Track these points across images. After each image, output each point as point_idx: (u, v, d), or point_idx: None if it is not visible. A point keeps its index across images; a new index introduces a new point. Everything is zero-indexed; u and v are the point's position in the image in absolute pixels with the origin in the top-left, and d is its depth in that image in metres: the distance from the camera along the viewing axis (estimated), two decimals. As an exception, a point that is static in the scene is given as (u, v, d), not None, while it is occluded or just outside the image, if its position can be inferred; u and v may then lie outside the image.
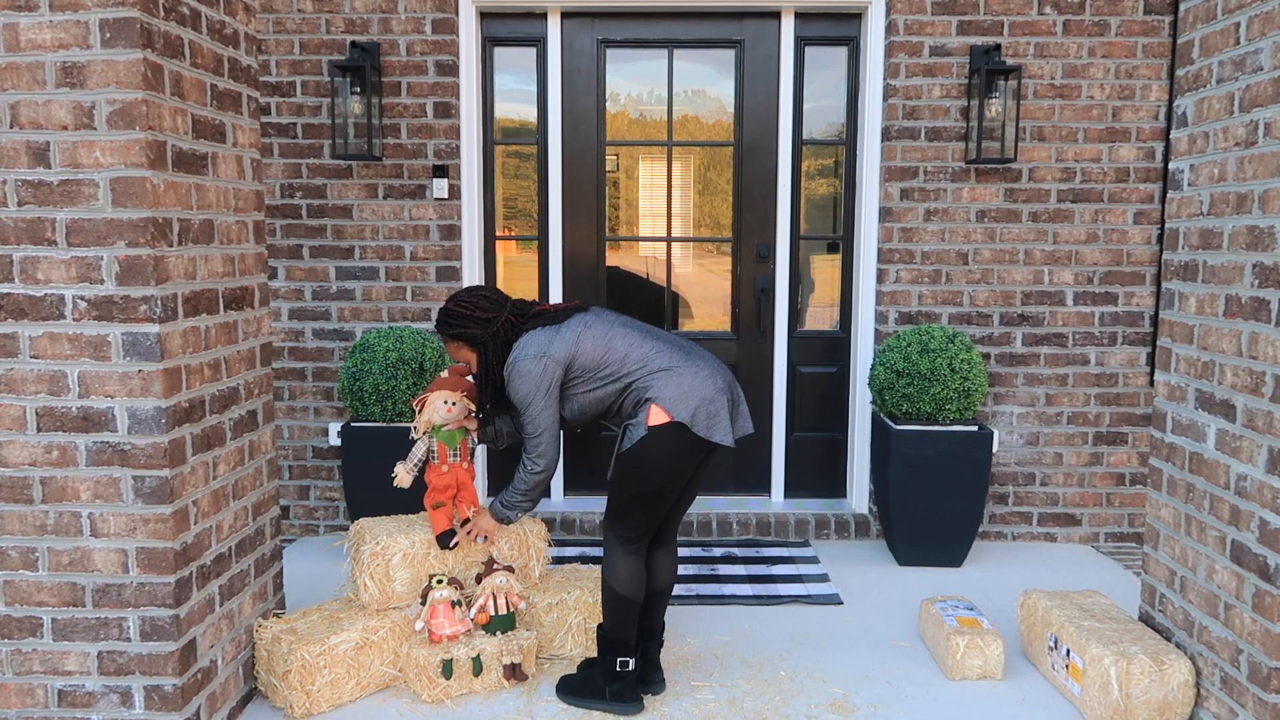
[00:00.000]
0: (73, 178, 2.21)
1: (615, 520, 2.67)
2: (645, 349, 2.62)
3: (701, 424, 2.54)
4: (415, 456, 2.97)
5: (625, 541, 2.67)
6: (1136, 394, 4.23)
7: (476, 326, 2.67)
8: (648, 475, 2.57)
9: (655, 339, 2.66)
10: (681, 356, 2.61)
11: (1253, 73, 2.43)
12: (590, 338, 2.61)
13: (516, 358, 2.60)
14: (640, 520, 2.64)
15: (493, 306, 2.69)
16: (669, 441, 2.54)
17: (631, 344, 2.62)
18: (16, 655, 2.38)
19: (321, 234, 4.20)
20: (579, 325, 2.63)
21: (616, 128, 4.40)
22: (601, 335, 2.62)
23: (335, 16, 4.09)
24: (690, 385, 2.55)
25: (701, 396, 2.54)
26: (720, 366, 2.66)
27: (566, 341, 2.60)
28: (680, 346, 2.67)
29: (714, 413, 2.56)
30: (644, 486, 2.59)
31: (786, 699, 2.85)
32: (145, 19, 2.18)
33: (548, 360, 2.57)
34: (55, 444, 2.30)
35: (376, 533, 2.96)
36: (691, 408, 2.53)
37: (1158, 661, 2.58)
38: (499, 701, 2.82)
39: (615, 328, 2.65)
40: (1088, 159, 4.12)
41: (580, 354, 2.60)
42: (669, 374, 2.56)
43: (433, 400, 2.92)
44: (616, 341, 2.62)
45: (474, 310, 2.68)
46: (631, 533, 2.65)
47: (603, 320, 2.67)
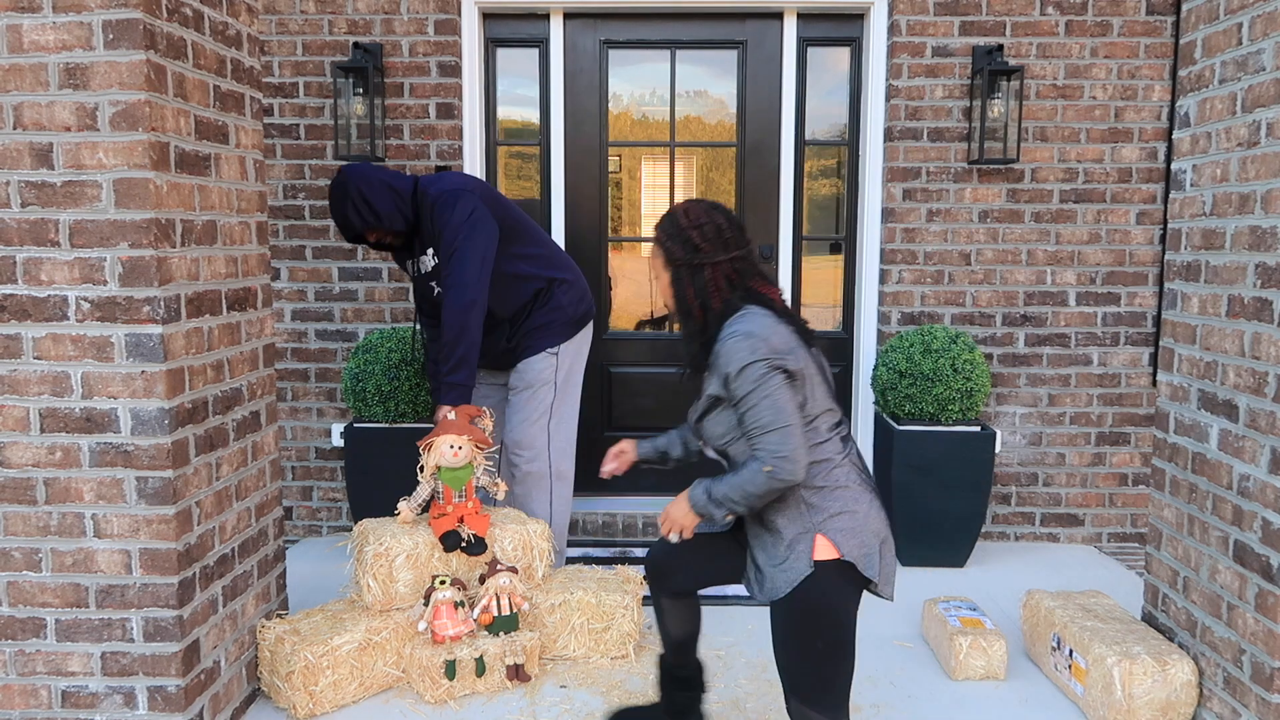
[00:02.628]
0: (76, 179, 2.22)
1: (813, 694, 2.03)
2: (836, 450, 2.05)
3: (878, 573, 2.01)
4: (420, 496, 3.01)
5: (830, 714, 2.04)
6: (1139, 394, 4.23)
7: (679, 246, 2.11)
8: (830, 626, 2.01)
9: (851, 446, 2.09)
10: (864, 483, 2.06)
11: (1255, 73, 2.43)
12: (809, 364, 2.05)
13: (732, 333, 2.01)
14: (842, 683, 2.04)
15: (717, 240, 2.09)
16: (844, 584, 2.01)
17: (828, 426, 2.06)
18: (20, 656, 2.39)
19: (324, 235, 4.21)
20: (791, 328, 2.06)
21: (619, 129, 4.40)
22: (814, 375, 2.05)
23: (338, 17, 4.09)
24: (867, 520, 2.02)
25: (881, 536, 2.03)
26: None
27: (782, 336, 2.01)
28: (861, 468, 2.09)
29: (891, 560, 2.05)
30: (829, 642, 2.01)
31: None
32: (148, 20, 2.18)
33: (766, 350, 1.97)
34: (58, 445, 2.31)
35: (380, 534, 2.96)
36: (869, 550, 2.01)
37: (1160, 662, 2.58)
38: (502, 702, 2.82)
39: (822, 383, 2.08)
40: (1090, 159, 4.11)
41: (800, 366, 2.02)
42: (852, 502, 2.02)
43: (439, 444, 2.95)
44: (819, 392, 2.05)
45: (690, 228, 2.10)
46: (838, 701, 2.03)
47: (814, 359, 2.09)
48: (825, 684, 2.02)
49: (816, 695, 2.02)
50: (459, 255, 3.18)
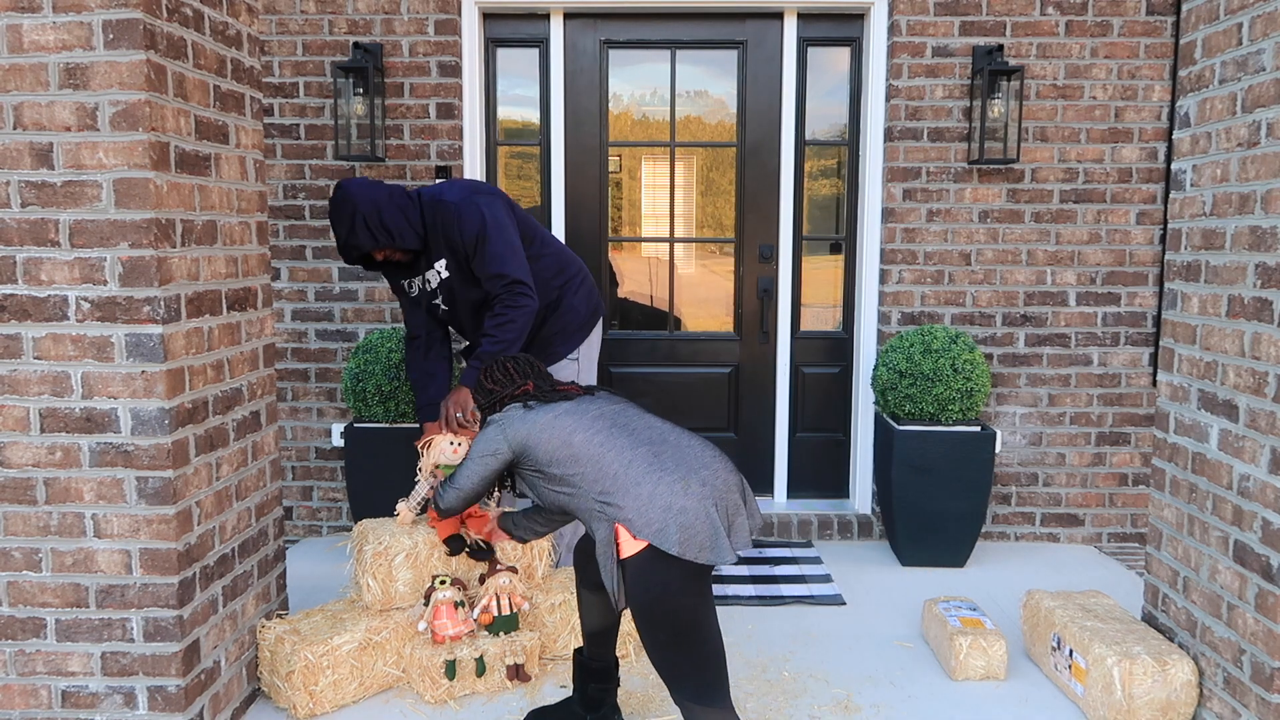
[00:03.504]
0: (76, 179, 2.22)
1: (677, 683, 2.11)
2: (610, 460, 2.18)
3: (677, 543, 2.05)
4: (418, 495, 3.00)
5: (704, 700, 2.10)
6: (1139, 394, 4.23)
7: (480, 394, 2.56)
8: (663, 616, 2.08)
9: (635, 446, 2.20)
10: (652, 465, 2.15)
11: (1255, 73, 2.43)
12: (554, 431, 2.28)
13: (490, 421, 2.43)
14: (701, 669, 2.10)
15: (505, 379, 2.52)
16: (657, 571, 2.08)
17: (598, 450, 2.21)
18: (20, 656, 2.39)
19: (324, 235, 4.21)
20: (552, 416, 2.32)
21: (619, 129, 4.40)
22: (566, 431, 2.26)
23: (338, 17, 4.09)
24: (653, 497, 2.09)
25: (674, 507, 2.07)
26: (715, 472, 2.17)
27: (527, 426, 2.32)
28: (656, 452, 2.19)
29: (703, 526, 2.08)
30: (669, 631, 2.09)
31: (789, 699, 2.85)
32: (148, 20, 2.18)
33: (499, 436, 2.36)
34: (58, 445, 2.31)
35: (379, 533, 2.96)
36: (661, 524, 2.06)
37: (1161, 662, 2.58)
38: (502, 702, 2.82)
39: (590, 426, 2.26)
40: (1090, 159, 4.11)
41: (537, 447, 2.29)
42: (633, 487, 2.12)
43: (438, 442, 2.95)
44: (577, 438, 2.24)
45: (487, 378, 2.54)
46: (704, 686, 2.10)
47: (580, 417, 2.29)
48: (685, 671, 2.09)
49: (682, 683, 2.10)
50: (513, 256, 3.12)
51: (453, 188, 3.21)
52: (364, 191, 3.07)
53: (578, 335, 3.42)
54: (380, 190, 3.10)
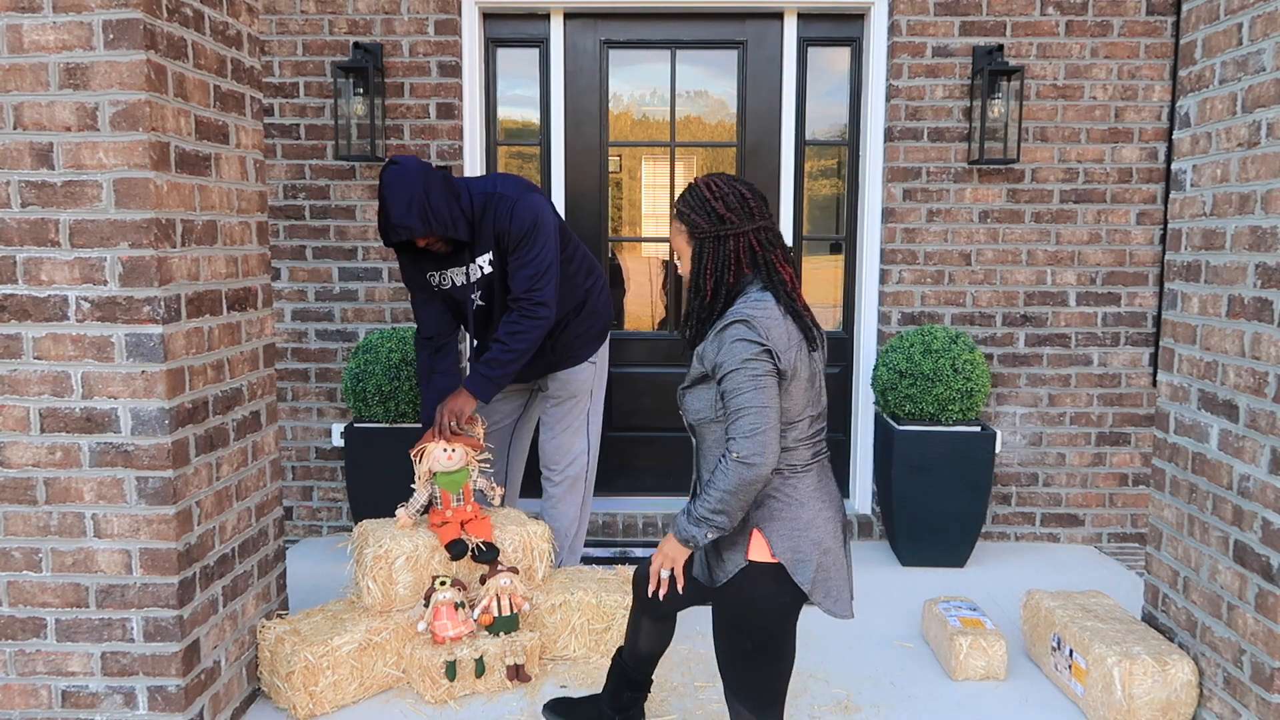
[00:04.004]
0: (76, 179, 2.22)
1: (741, 689, 2.07)
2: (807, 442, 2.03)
3: (809, 584, 1.98)
4: (417, 502, 3.00)
5: (761, 713, 2.06)
6: (1139, 394, 4.23)
7: (704, 218, 2.05)
8: (758, 627, 2.02)
9: (820, 442, 2.07)
10: (819, 488, 2.03)
11: (1255, 73, 2.43)
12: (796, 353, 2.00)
13: (732, 318, 1.98)
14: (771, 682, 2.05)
15: (742, 210, 2.03)
16: (774, 588, 1.99)
17: (804, 398, 2.01)
18: (20, 656, 2.39)
19: (324, 235, 4.21)
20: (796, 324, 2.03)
21: (619, 128, 4.40)
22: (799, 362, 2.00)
23: (338, 17, 4.09)
24: (809, 526, 1.98)
25: (822, 548, 1.99)
26: (842, 507, 2.08)
27: (782, 333, 1.97)
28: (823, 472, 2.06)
29: (833, 576, 2.01)
30: (757, 641, 2.02)
31: (790, 699, 2.84)
32: (148, 20, 2.18)
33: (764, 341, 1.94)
34: (59, 445, 2.31)
35: (380, 535, 2.96)
36: (803, 558, 1.97)
37: (1161, 662, 2.58)
38: (502, 702, 2.82)
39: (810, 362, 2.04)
40: (1090, 159, 4.11)
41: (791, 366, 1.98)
42: (797, 507, 1.99)
43: (431, 449, 2.95)
44: (801, 378, 2.00)
45: (714, 199, 2.04)
46: (767, 699, 2.05)
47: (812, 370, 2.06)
48: (752, 682, 2.04)
49: (744, 691, 2.06)
50: (549, 270, 3.07)
51: (505, 181, 3.13)
52: (423, 172, 2.90)
53: (599, 339, 3.43)
54: (434, 174, 2.94)
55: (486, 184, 3.12)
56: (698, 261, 2.06)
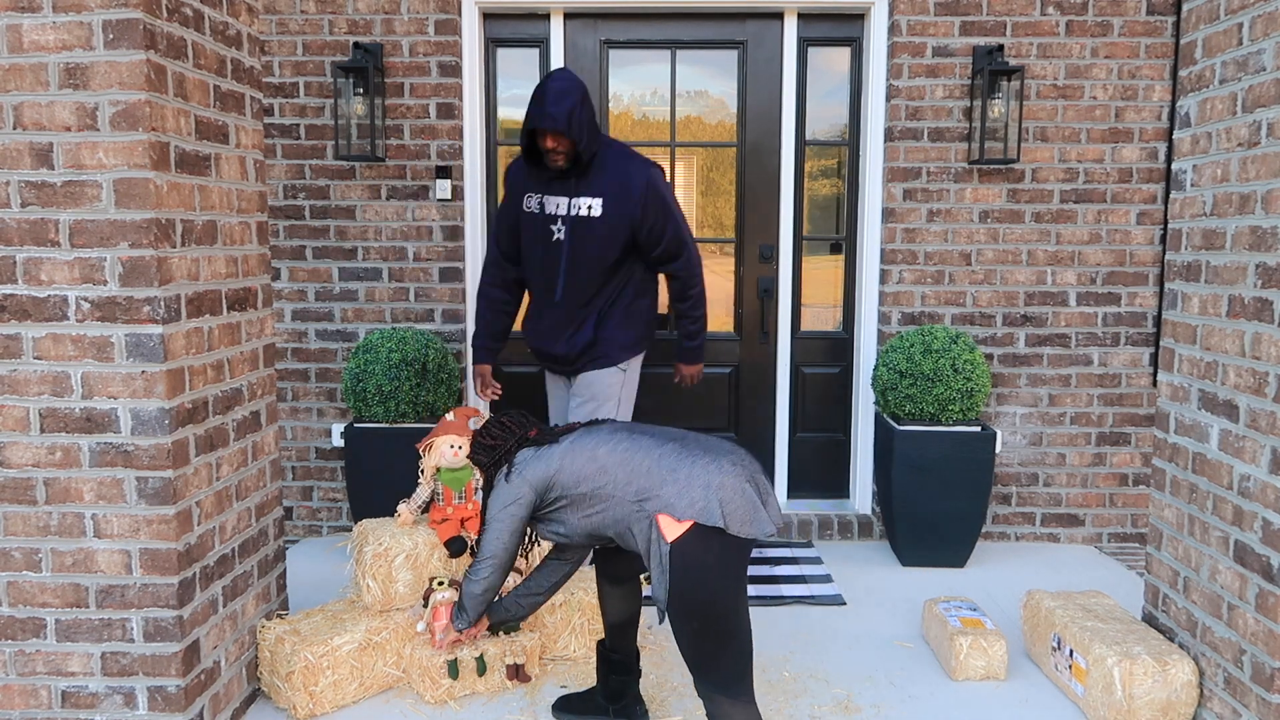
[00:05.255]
0: (76, 179, 2.22)
1: (703, 673, 2.14)
2: (640, 459, 2.22)
3: (722, 516, 2.09)
4: (419, 498, 3.01)
5: (729, 692, 2.13)
6: (1139, 394, 4.23)
7: (482, 453, 2.49)
8: (700, 603, 2.09)
9: (662, 443, 2.26)
10: (682, 456, 2.20)
11: (1255, 73, 2.43)
12: (576, 453, 2.31)
13: (510, 471, 2.39)
14: (729, 660, 2.12)
15: (504, 433, 2.47)
16: (701, 552, 2.09)
17: (625, 455, 2.25)
18: (20, 656, 2.39)
19: (324, 235, 4.21)
20: (568, 443, 2.35)
21: (619, 128, 4.40)
22: (589, 449, 2.30)
23: (338, 17, 4.09)
24: (691, 478, 2.13)
25: (712, 484, 2.12)
26: (741, 456, 2.24)
27: (544, 461, 2.33)
28: (683, 445, 2.25)
29: (741, 501, 2.12)
30: (703, 619, 2.10)
31: (790, 699, 2.84)
32: (148, 20, 2.18)
33: (517, 481, 2.35)
34: (58, 445, 2.31)
35: (380, 534, 2.96)
36: (704, 501, 2.10)
37: (1161, 662, 2.58)
38: (502, 703, 2.82)
39: (610, 438, 2.32)
40: (1090, 159, 4.11)
41: (561, 473, 2.30)
42: (668, 476, 2.16)
43: (439, 445, 2.95)
44: (600, 450, 2.29)
45: (484, 437, 2.49)
46: (729, 678, 2.13)
47: (597, 434, 2.35)
48: (714, 661, 2.11)
49: (710, 673, 2.12)
50: (692, 242, 3.36)
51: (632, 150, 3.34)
52: (583, 86, 3.14)
53: (633, 350, 3.40)
54: (589, 97, 3.17)
55: (617, 143, 3.30)
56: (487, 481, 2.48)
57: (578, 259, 3.23)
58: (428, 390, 3.91)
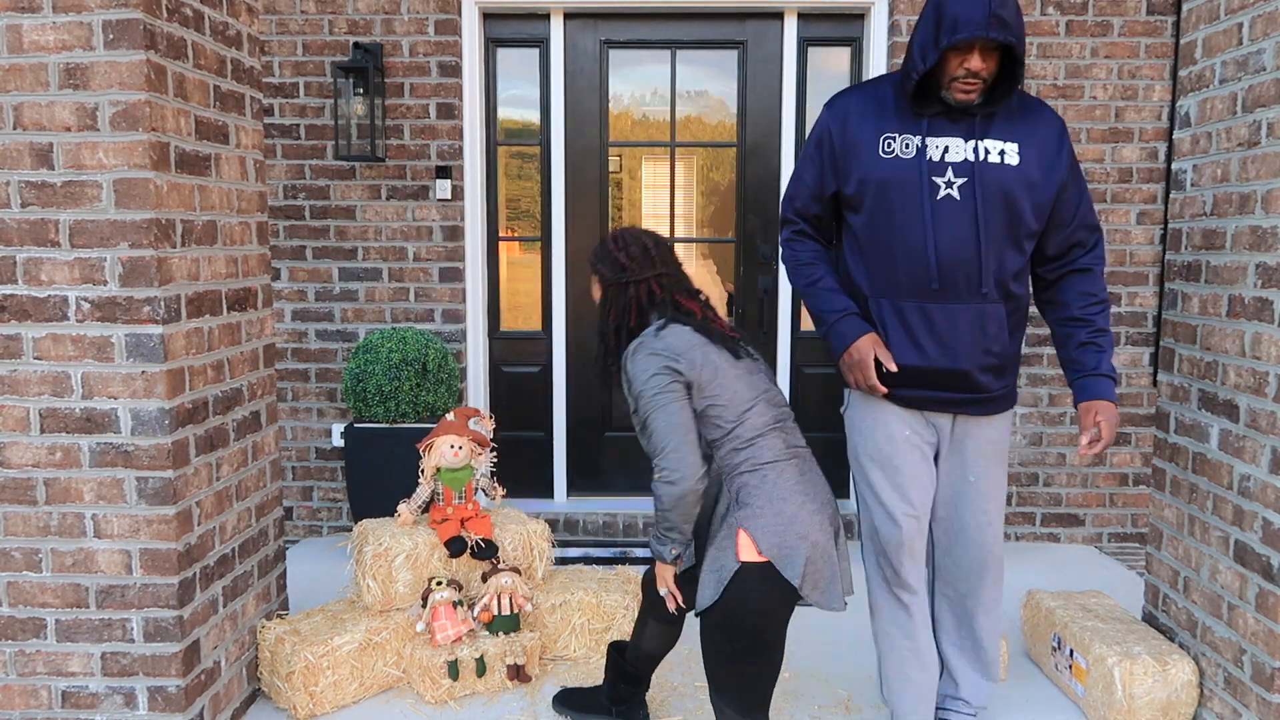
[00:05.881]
0: (76, 179, 2.22)
1: (726, 690, 2.08)
2: (770, 441, 2.06)
3: (799, 576, 1.98)
4: (419, 498, 3.01)
5: (748, 714, 2.09)
6: (1140, 394, 4.23)
7: (608, 268, 2.23)
8: (749, 630, 2.01)
9: (789, 449, 2.09)
10: (798, 484, 2.04)
11: (1255, 73, 2.43)
12: (749, 375, 2.11)
13: (634, 346, 2.12)
14: (757, 685, 2.06)
15: (643, 259, 2.21)
16: (765, 587, 1.99)
17: (775, 428, 2.08)
18: (20, 656, 2.39)
19: (324, 235, 4.21)
20: (728, 358, 2.12)
21: (619, 129, 4.40)
22: (760, 383, 2.12)
23: (338, 17, 4.09)
24: (794, 519, 1.99)
25: (807, 539, 1.99)
26: (835, 507, 2.09)
27: (683, 340, 2.08)
28: (801, 470, 2.08)
29: (822, 569, 2.01)
30: (745, 644, 2.02)
31: (790, 699, 2.84)
32: (148, 20, 2.18)
33: (663, 354, 2.06)
34: (58, 445, 2.31)
35: (380, 534, 2.96)
36: (792, 553, 1.98)
37: (1161, 662, 2.58)
38: (503, 703, 2.82)
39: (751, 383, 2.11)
40: (1090, 159, 4.11)
41: (719, 383, 2.06)
42: (778, 501, 2.00)
43: (439, 445, 2.95)
44: (762, 397, 2.09)
45: (618, 251, 2.23)
46: (752, 702, 2.07)
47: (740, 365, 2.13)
48: (740, 683, 2.06)
49: (731, 692, 2.08)
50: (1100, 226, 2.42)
51: None
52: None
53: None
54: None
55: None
56: (603, 307, 2.26)
57: (990, 224, 2.24)
58: (428, 390, 3.91)
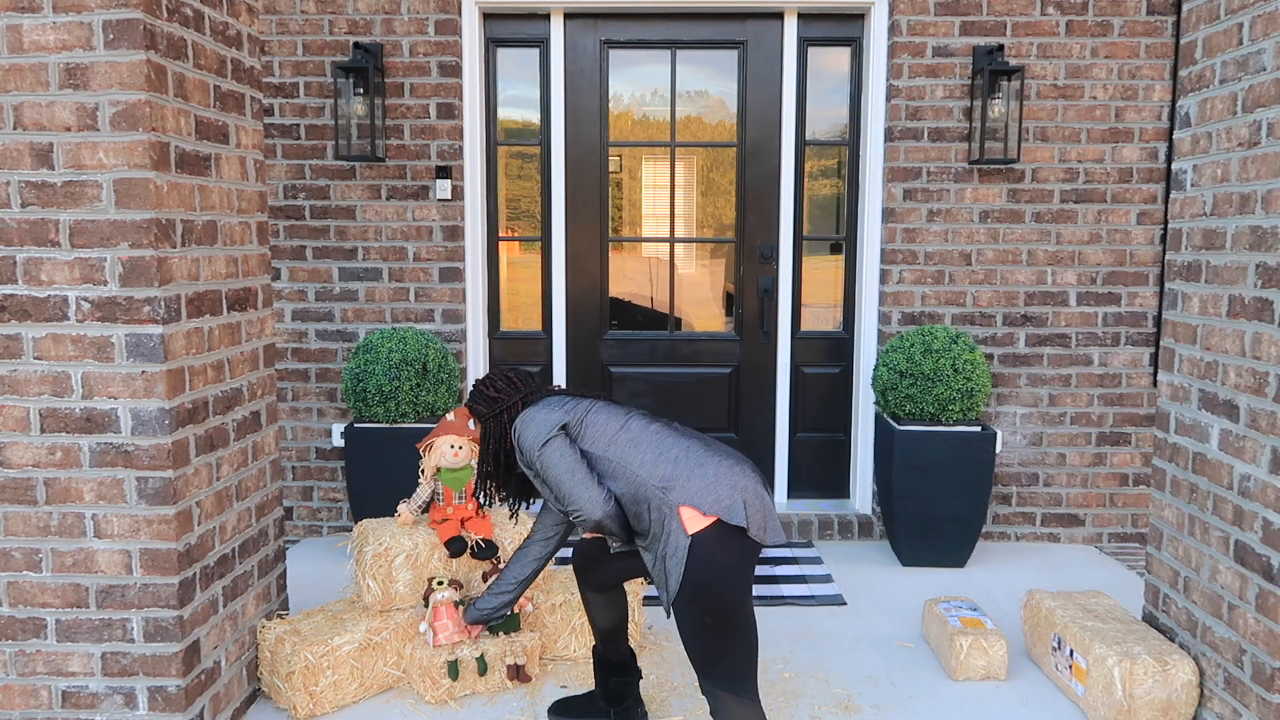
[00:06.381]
0: (76, 179, 2.21)
1: (709, 670, 2.13)
2: (669, 443, 2.22)
3: (745, 518, 2.09)
4: (419, 498, 3.01)
5: (735, 689, 2.12)
6: (1140, 394, 4.23)
7: (483, 405, 2.46)
8: (715, 597, 2.08)
9: (687, 436, 2.26)
10: (708, 453, 2.20)
11: (1255, 73, 2.43)
12: (607, 412, 2.31)
13: (521, 422, 2.32)
14: (737, 657, 2.11)
15: (508, 388, 2.45)
16: (720, 548, 2.08)
17: (656, 435, 2.25)
18: (20, 656, 2.39)
19: (325, 235, 4.21)
20: (593, 401, 2.35)
21: (619, 128, 4.40)
22: (620, 414, 2.31)
23: (338, 17, 4.09)
24: (719, 476, 2.13)
25: (738, 485, 2.12)
26: (752, 465, 2.24)
27: (568, 410, 2.30)
28: (706, 444, 2.25)
29: (760, 507, 2.13)
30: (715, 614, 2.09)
31: (790, 700, 2.84)
32: (148, 20, 2.18)
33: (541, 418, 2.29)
34: (59, 445, 2.31)
35: (380, 534, 2.96)
36: (730, 500, 2.10)
37: (1161, 662, 2.58)
38: (503, 703, 2.82)
39: (640, 414, 2.33)
40: (1090, 159, 4.11)
41: (590, 426, 2.27)
42: (697, 470, 2.14)
43: (439, 445, 2.95)
44: (633, 421, 2.29)
45: (486, 388, 2.47)
46: (735, 675, 2.12)
47: (623, 406, 2.37)
48: (722, 659, 2.11)
49: (716, 670, 2.11)
50: None
51: None
52: None
53: None
54: None
55: None
56: (484, 444, 2.46)
57: None
58: (428, 390, 3.91)
